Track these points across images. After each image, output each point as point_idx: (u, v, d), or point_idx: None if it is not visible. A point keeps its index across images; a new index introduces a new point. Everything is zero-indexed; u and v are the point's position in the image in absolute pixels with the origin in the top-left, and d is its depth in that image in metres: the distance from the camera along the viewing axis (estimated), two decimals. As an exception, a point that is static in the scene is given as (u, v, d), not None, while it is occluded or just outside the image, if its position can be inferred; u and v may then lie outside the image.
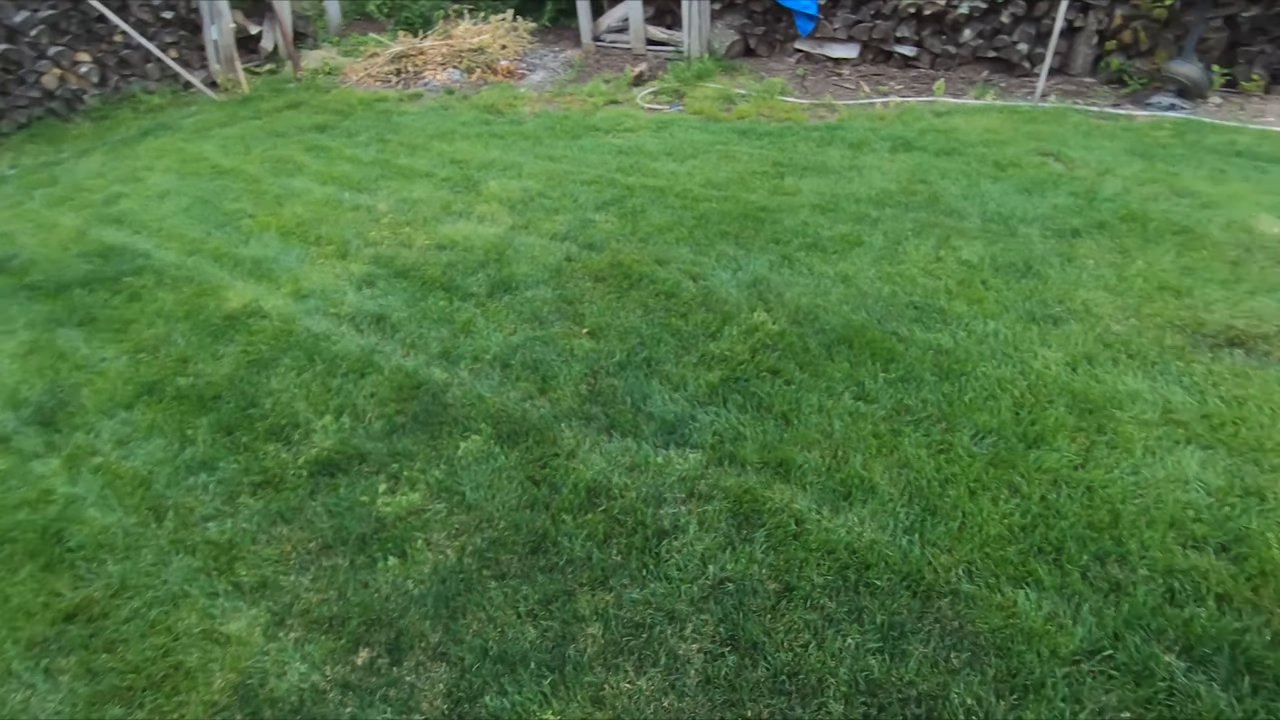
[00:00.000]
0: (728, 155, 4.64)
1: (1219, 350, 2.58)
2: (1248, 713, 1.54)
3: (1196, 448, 2.17)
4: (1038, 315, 2.80)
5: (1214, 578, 1.80)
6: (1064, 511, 2.00)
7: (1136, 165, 4.08)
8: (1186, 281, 2.94)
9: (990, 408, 2.38)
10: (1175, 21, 5.30)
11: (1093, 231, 3.37)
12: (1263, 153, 4.22)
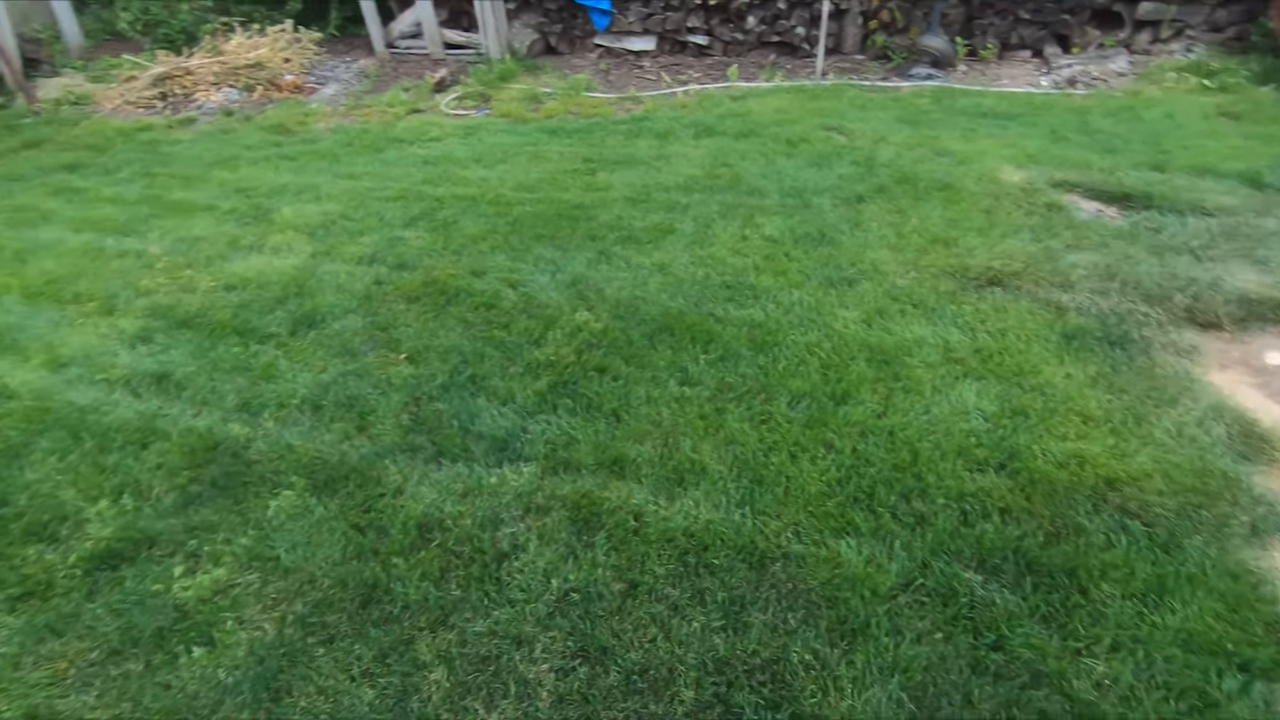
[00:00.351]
0: (538, 156, 4.59)
1: (983, 290, 2.92)
2: (1032, 608, 1.75)
3: (972, 380, 2.44)
4: (835, 279, 3.02)
5: (996, 494, 2.03)
6: (872, 459, 2.17)
7: (905, 132, 4.53)
8: (952, 232, 3.30)
9: (802, 373, 2.53)
10: (923, 1, 5.94)
11: (874, 196, 3.70)
12: (1002, 111, 4.85)
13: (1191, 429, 2.20)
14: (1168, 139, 4.23)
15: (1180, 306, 2.75)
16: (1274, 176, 3.70)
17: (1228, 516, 1.93)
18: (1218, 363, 2.53)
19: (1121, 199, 3.57)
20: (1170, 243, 3.15)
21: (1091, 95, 5.14)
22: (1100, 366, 2.46)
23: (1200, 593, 1.74)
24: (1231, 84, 5.09)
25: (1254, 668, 1.59)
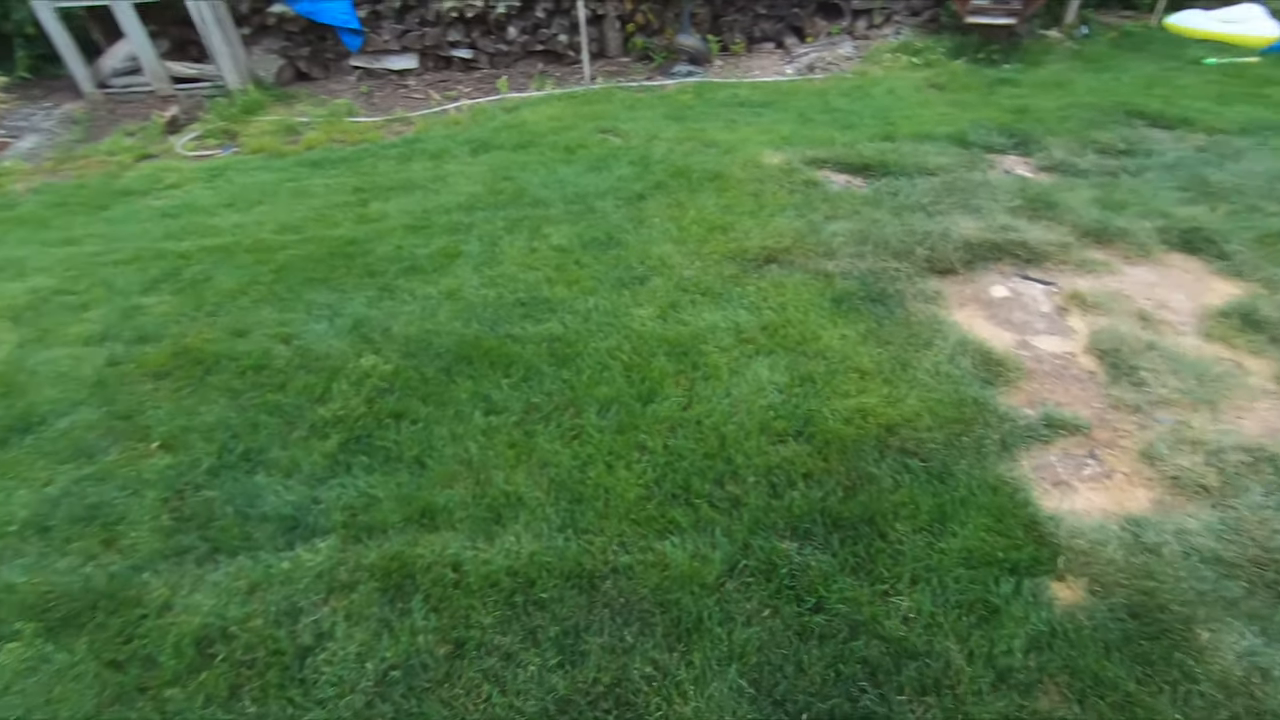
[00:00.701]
0: (301, 192, 4.18)
1: (761, 269, 3.09)
2: (842, 563, 1.86)
3: (764, 356, 2.57)
4: (626, 280, 3.05)
5: (798, 461, 2.15)
6: (684, 452, 2.20)
7: (674, 128, 4.71)
8: (728, 218, 3.47)
9: (607, 379, 2.51)
10: (672, 2, 6.23)
11: (653, 193, 3.80)
12: (756, 100, 5.22)
13: (945, 366, 2.48)
14: (893, 112, 4.80)
15: (921, 258, 3.10)
16: (975, 136, 4.32)
17: (983, 438, 2.19)
18: (956, 302, 2.89)
19: (863, 169, 3.98)
20: (906, 203, 3.56)
21: (829, 79, 5.70)
22: (868, 324, 2.71)
23: (972, 512, 1.95)
24: (934, 59, 5.91)
25: (1020, 568, 1.80)
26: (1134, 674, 1.58)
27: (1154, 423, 2.26)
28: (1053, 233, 3.28)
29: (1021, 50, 6.00)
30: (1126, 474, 2.11)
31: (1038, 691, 1.57)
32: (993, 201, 3.54)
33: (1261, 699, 1.53)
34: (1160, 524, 1.91)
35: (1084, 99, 4.89)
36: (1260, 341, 2.59)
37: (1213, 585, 1.75)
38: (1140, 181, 3.74)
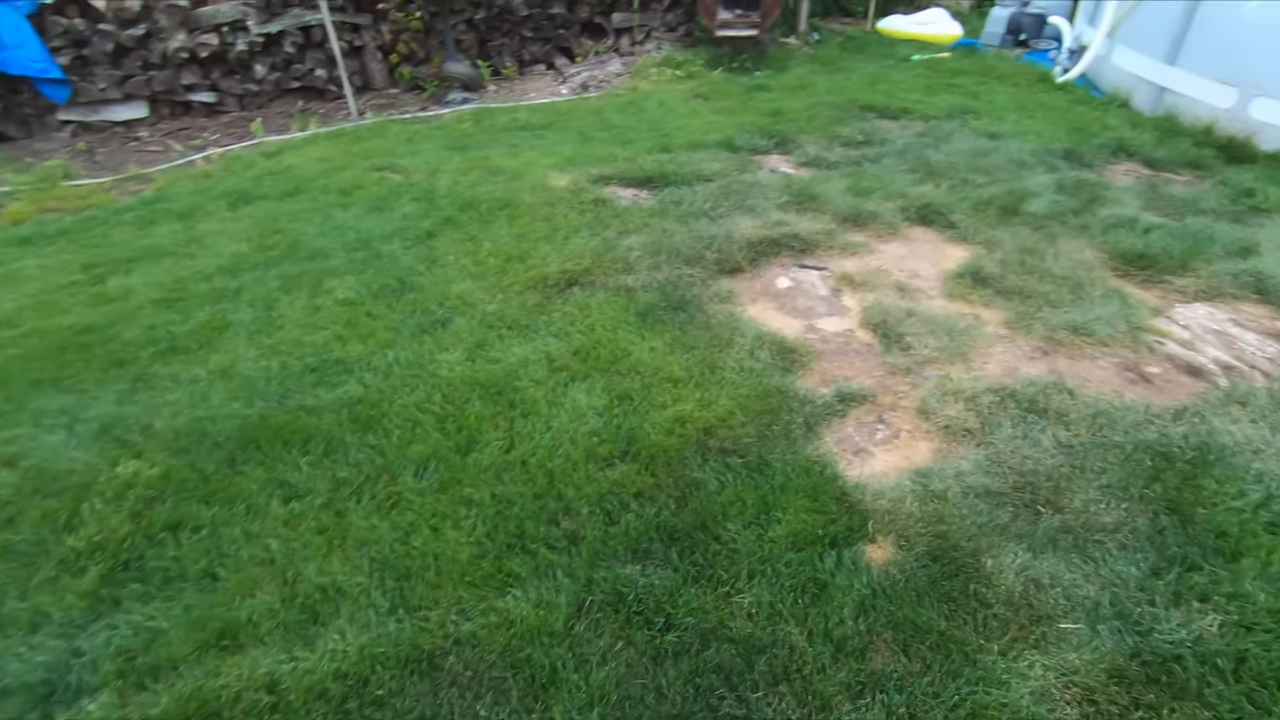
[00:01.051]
0: (10, 278, 3.48)
1: (564, 293, 3.09)
2: (684, 575, 1.89)
3: (579, 381, 2.56)
4: (426, 325, 2.89)
5: (628, 482, 2.15)
6: (513, 498, 2.12)
7: (456, 158, 4.58)
8: (524, 246, 3.43)
9: (420, 436, 2.35)
10: (434, 30, 6.07)
11: (443, 229, 3.65)
12: (536, 122, 5.24)
13: (748, 361, 2.63)
14: (666, 123, 5.05)
15: (712, 261, 3.28)
16: (741, 140, 4.68)
17: (789, 424, 2.35)
18: (748, 299, 3.09)
19: (647, 181, 4.13)
20: (691, 210, 3.75)
21: (603, 96, 5.88)
22: (673, 332, 2.80)
23: (791, 497, 2.08)
24: (695, 71, 6.32)
25: (839, 540, 1.95)
26: (943, 612, 1.77)
27: (923, 381, 2.57)
28: (818, 222, 3.63)
29: (769, 58, 6.61)
30: (909, 431, 2.37)
31: (870, 652, 1.70)
32: (765, 200, 3.84)
33: (1038, 606, 1.78)
34: (941, 471, 2.17)
35: (825, 98, 5.50)
36: (989, 295, 3.06)
37: (988, 516, 2.01)
38: (880, 168, 4.27)
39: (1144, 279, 3.17)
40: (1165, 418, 2.34)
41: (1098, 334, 2.77)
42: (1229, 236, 3.41)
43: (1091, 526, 1.97)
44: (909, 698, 1.60)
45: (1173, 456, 2.18)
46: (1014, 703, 1.58)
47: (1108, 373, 2.62)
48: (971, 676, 1.63)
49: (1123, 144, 4.53)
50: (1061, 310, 2.91)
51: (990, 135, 4.70)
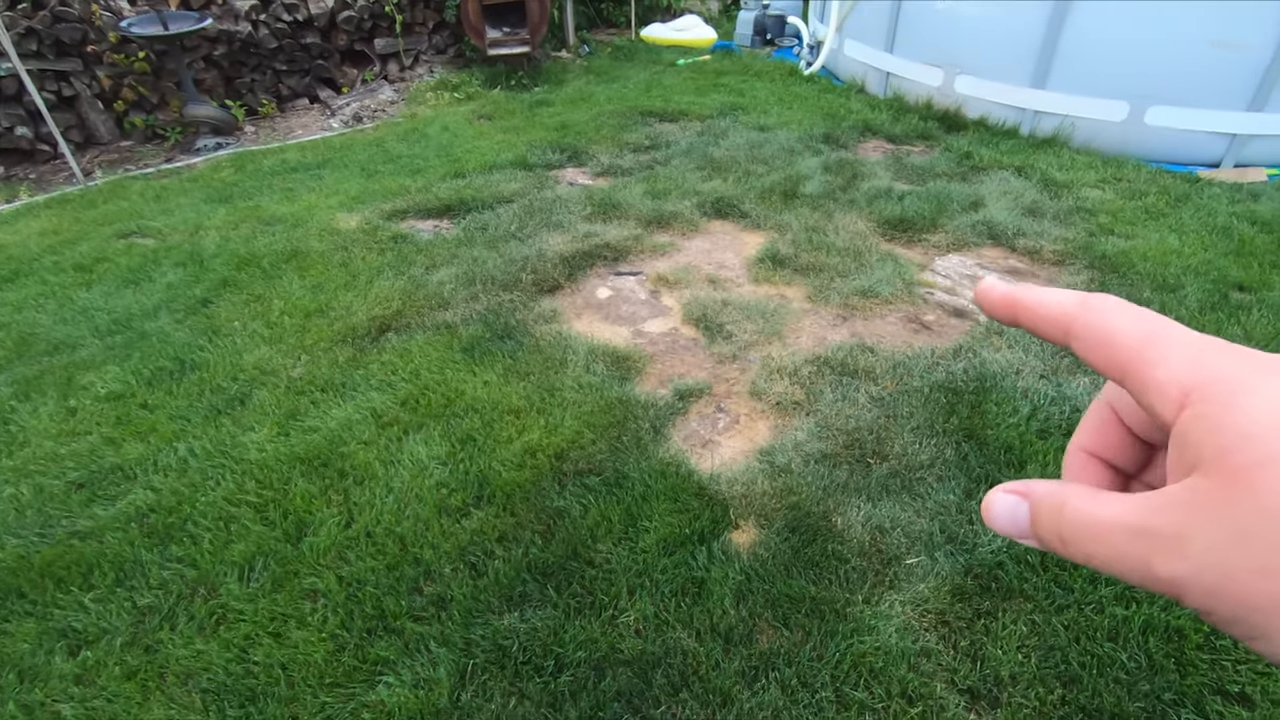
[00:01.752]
0: None
1: (378, 341, 2.87)
2: (566, 608, 1.83)
3: (414, 433, 2.39)
4: (221, 406, 2.54)
5: (488, 528, 2.05)
6: (365, 576, 1.92)
7: (222, 211, 4.09)
8: (322, 298, 3.14)
9: (238, 533, 2.06)
10: (166, 71, 5.36)
11: (221, 294, 3.23)
12: (310, 161, 4.82)
13: (585, 377, 2.62)
14: (454, 148, 4.90)
15: (529, 283, 3.23)
16: (534, 157, 4.66)
17: (637, 431, 2.38)
18: (573, 314, 3.08)
19: (446, 211, 3.98)
20: (498, 234, 3.67)
21: (380, 126, 5.56)
22: (504, 362, 2.71)
23: (654, 503, 2.10)
24: (474, 92, 6.20)
25: (706, 534, 2.01)
26: (810, 579, 1.89)
27: (749, 364, 2.72)
28: (625, 228, 3.72)
29: (544, 72, 6.67)
30: (747, 414, 2.50)
31: (756, 635, 1.76)
32: (570, 214, 3.86)
33: (886, 550, 1.96)
34: (782, 445, 2.31)
35: (606, 108, 5.65)
36: (788, 274, 3.32)
37: (829, 478, 2.18)
38: (670, 169, 4.47)
39: (906, 240, 3.63)
40: (948, 358, 2.70)
41: (882, 294, 3.12)
42: (961, 194, 4.01)
43: (912, 466, 2.21)
44: (798, 668, 1.68)
45: (960, 390, 2.51)
46: (885, 644, 1.73)
47: (896, 327, 2.96)
48: (846, 630, 1.75)
49: (868, 124, 5.16)
50: (850, 278, 3.24)
51: (760, 128, 5.12)
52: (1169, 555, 0.25)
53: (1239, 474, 0.23)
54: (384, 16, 6.33)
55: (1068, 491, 0.28)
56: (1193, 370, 0.25)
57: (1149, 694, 1.61)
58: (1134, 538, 0.26)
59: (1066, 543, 0.28)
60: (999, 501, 0.30)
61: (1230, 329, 2.80)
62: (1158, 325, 0.27)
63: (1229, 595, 0.24)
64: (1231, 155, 4.36)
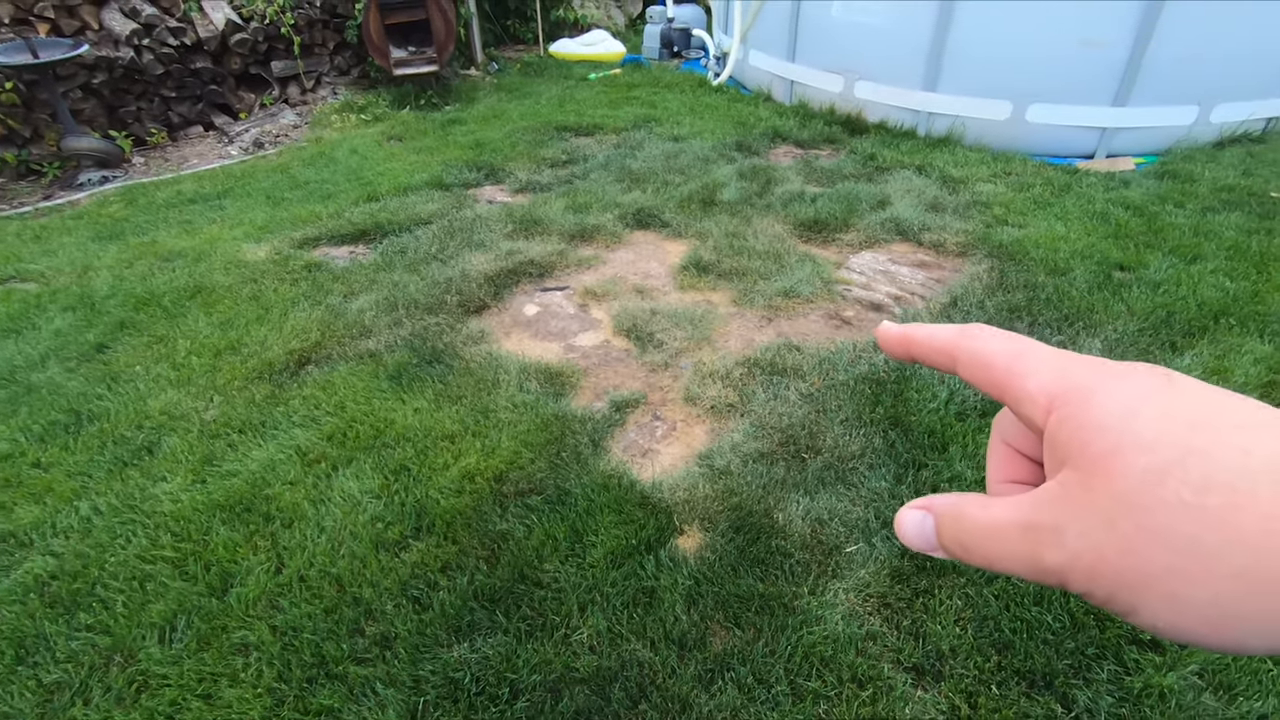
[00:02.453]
0: None
1: (297, 376, 2.75)
2: (517, 632, 1.79)
3: (343, 468, 2.30)
4: (126, 457, 2.37)
5: (429, 559, 1.99)
6: (300, 623, 1.83)
7: (113, 249, 3.82)
8: (233, 335, 2.98)
9: (155, 592, 1.92)
10: (38, 102, 4.98)
11: (118, 337, 3.02)
12: (209, 192, 4.58)
13: (519, 396, 2.59)
14: (365, 171, 4.76)
15: (455, 304, 3.17)
16: (450, 177, 4.59)
17: (576, 446, 2.36)
18: (502, 333, 3.04)
19: (361, 236, 3.86)
20: (418, 257, 3.58)
21: (284, 152, 5.34)
22: (434, 387, 2.65)
23: (598, 517, 2.09)
24: (382, 113, 6.05)
25: (653, 543, 2.01)
26: (757, 576, 1.92)
27: (682, 371, 2.76)
28: (548, 244, 3.71)
29: (454, 91, 6.58)
30: (683, 420, 2.53)
31: (710, 638, 1.78)
32: (491, 232, 3.82)
33: (826, 540, 2.02)
34: (720, 448, 2.35)
35: (520, 124, 5.63)
36: (713, 280, 3.39)
37: (767, 476, 2.23)
38: (590, 182, 4.49)
39: (822, 240, 3.77)
40: (869, 351, 2.81)
41: (803, 294, 3.23)
42: (868, 194, 4.21)
43: (845, 458, 2.29)
44: (753, 665, 1.70)
45: (882, 381, 2.62)
46: (832, 632, 1.78)
47: (818, 325, 3.07)
48: (795, 623, 1.79)
49: (776, 131, 5.34)
50: (771, 280, 3.34)
51: (675, 138, 5.21)
52: (1051, 547, 0.27)
53: (1097, 463, 0.26)
54: (280, 38, 6.09)
55: (964, 502, 0.31)
56: (1057, 380, 0.29)
57: (1074, 650, 1.72)
58: (1022, 534, 0.28)
59: (968, 550, 0.30)
60: (908, 519, 0.32)
61: (1115, 305, 3.05)
62: (1024, 345, 0.31)
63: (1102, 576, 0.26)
64: (1103, 147, 4.75)
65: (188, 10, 5.64)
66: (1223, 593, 0.24)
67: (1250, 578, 0.24)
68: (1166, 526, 0.25)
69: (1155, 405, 0.26)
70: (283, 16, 5.95)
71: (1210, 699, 1.62)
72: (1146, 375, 0.27)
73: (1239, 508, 0.24)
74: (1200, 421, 0.25)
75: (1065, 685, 1.65)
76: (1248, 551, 0.24)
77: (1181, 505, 0.24)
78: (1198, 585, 0.24)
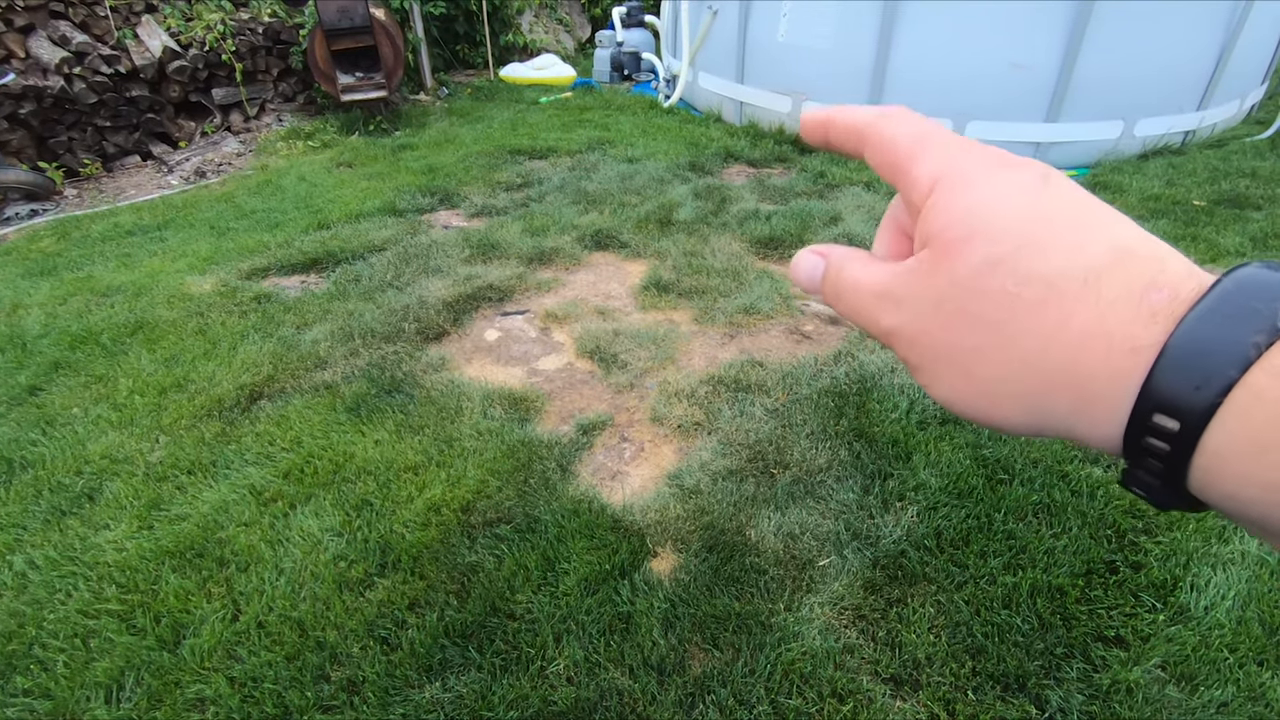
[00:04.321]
0: None
1: (249, 412, 2.64)
2: (490, 668, 1.74)
3: (302, 506, 2.21)
4: (64, 506, 2.23)
5: (396, 596, 1.92)
6: (260, 672, 1.74)
7: (46, 286, 3.64)
8: (179, 372, 2.86)
9: (101, 648, 1.80)
10: (-42, 133, 4.74)
11: (52, 378, 2.86)
12: (149, 223, 4.41)
13: (483, 423, 2.54)
14: (315, 199, 4.66)
15: (413, 332, 3.11)
16: (403, 202, 4.53)
17: (544, 472, 2.33)
18: (463, 360, 2.99)
19: (313, 265, 3.76)
20: (373, 285, 3.51)
21: (227, 180, 5.20)
22: (395, 418, 2.58)
23: (570, 543, 2.06)
24: (330, 139, 5.95)
25: (626, 567, 1.99)
26: (733, 595, 1.91)
27: (647, 391, 2.75)
28: (506, 268, 3.68)
29: (405, 117, 6.52)
30: (651, 441, 2.52)
31: (689, 661, 1.76)
32: (448, 257, 3.77)
33: (799, 555, 2.03)
34: (689, 468, 2.34)
35: (473, 148, 5.60)
36: (674, 299, 3.41)
37: (737, 493, 2.23)
38: (546, 205, 4.49)
39: (779, 257, 3.84)
40: (830, 364, 2.86)
41: (763, 310, 3.27)
42: (821, 210, 4.31)
43: (812, 471, 2.31)
44: (733, 687, 1.69)
45: (845, 394, 2.66)
46: (810, 647, 1.77)
47: (780, 340, 3.11)
48: (773, 641, 1.79)
49: (729, 151, 5.44)
50: (731, 298, 3.37)
51: (629, 160, 5.25)
52: (888, 313, 0.30)
53: (948, 247, 0.28)
54: (222, 65, 5.95)
55: (851, 257, 0.33)
56: (941, 165, 0.30)
57: (1044, 651, 1.76)
58: (877, 298, 0.31)
59: (839, 298, 0.33)
60: (804, 260, 0.35)
61: (1060, 312, 3.17)
62: (929, 129, 0.31)
63: (918, 346, 0.29)
64: (1039, 160, 4.97)
65: (121, 38, 5.47)
66: (1007, 375, 0.27)
67: (1031, 364, 0.26)
68: (981, 312, 0.27)
69: (1020, 201, 0.27)
70: (223, 43, 5.82)
71: (1174, 690, 1.67)
72: (1025, 171, 0.28)
73: (1045, 302, 0.26)
74: (1053, 218, 0.27)
75: (1038, 686, 1.68)
76: (1037, 340, 0.26)
77: (1002, 294, 0.26)
78: (989, 365, 0.27)
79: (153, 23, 5.74)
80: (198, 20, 5.87)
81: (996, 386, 0.27)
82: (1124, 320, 0.25)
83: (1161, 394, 0.24)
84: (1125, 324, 0.25)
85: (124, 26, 5.58)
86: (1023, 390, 0.27)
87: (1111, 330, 0.25)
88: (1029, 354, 0.26)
